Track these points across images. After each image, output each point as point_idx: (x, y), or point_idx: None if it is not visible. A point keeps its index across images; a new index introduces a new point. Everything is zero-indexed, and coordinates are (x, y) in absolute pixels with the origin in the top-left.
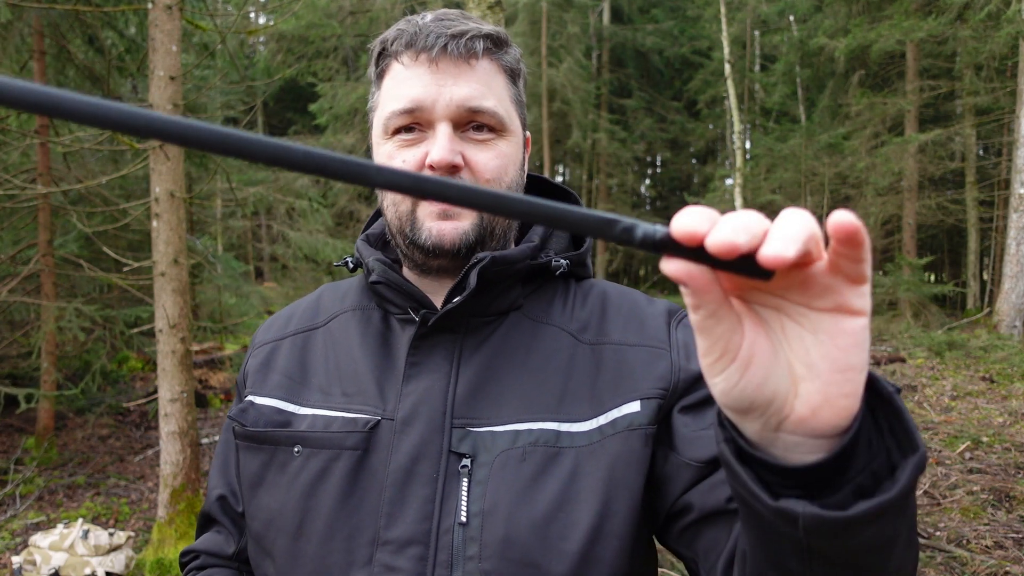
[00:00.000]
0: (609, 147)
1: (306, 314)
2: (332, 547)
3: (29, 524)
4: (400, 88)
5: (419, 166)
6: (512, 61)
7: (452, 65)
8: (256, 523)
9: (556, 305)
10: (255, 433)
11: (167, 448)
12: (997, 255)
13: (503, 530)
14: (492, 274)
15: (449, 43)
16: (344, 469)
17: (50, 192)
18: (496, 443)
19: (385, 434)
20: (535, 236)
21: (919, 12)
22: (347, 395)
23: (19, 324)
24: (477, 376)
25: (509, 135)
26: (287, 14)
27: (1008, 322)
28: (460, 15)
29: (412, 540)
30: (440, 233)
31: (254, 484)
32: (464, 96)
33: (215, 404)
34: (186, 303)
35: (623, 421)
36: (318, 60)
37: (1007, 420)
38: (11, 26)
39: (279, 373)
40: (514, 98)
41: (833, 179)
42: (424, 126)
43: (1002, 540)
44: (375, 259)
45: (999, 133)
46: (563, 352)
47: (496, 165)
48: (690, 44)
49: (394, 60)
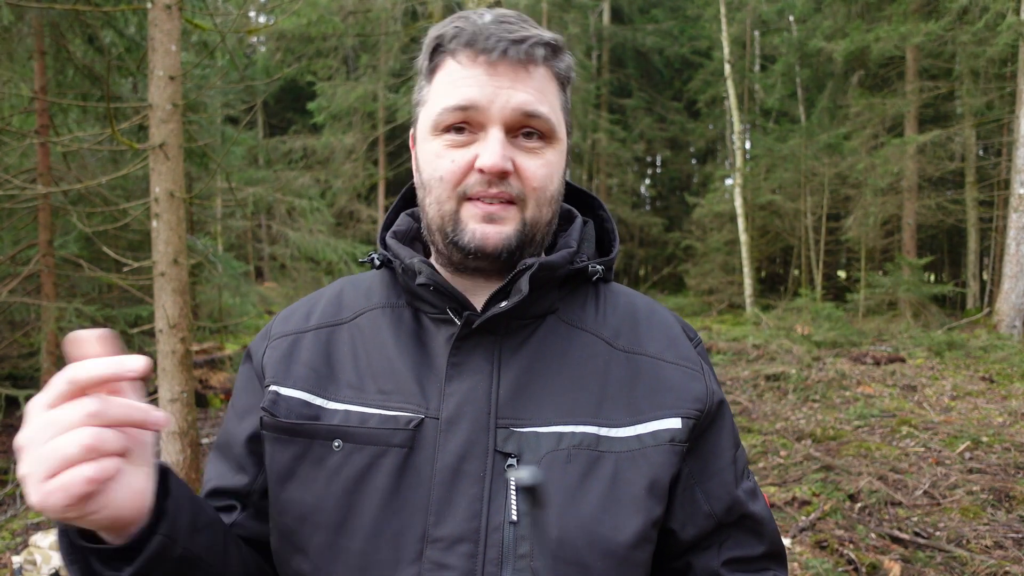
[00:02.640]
0: (609, 147)
1: (328, 309)
2: (379, 543)
3: (29, 524)
4: (455, 86)
5: (468, 168)
6: (565, 69)
7: (510, 69)
8: (287, 518)
9: (589, 309)
10: (289, 425)
11: (167, 448)
12: (997, 255)
13: (556, 530)
14: (538, 280)
15: (509, 48)
16: (390, 466)
17: (50, 192)
18: (540, 443)
19: (430, 432)
20: (572, 241)
21: (918, 14)
22: (384, 392)
23: (19, 324)
24: (518, 378)
25: (557, 143)
26: (287, 13)
27: (1008, 322)
28: (519, 18)
29: (462, 538)
30: (484, 236)
31: (284, 477)
32: (520, 101)
33: (215, 404)
34: (186, 303)
35: (665, 434)
36: (318, 59)
37: (1007, 420)
38: (13, 28)
39: (303, 365)
40: (563, 106)
41: (833, 179)
42: (475, 127)
43: (1002, 540)
44: (420, 260)
45: (999, 133)
46: (599, 358)
47: (544, 174)
48: (690, 44)
49: (450, 57)
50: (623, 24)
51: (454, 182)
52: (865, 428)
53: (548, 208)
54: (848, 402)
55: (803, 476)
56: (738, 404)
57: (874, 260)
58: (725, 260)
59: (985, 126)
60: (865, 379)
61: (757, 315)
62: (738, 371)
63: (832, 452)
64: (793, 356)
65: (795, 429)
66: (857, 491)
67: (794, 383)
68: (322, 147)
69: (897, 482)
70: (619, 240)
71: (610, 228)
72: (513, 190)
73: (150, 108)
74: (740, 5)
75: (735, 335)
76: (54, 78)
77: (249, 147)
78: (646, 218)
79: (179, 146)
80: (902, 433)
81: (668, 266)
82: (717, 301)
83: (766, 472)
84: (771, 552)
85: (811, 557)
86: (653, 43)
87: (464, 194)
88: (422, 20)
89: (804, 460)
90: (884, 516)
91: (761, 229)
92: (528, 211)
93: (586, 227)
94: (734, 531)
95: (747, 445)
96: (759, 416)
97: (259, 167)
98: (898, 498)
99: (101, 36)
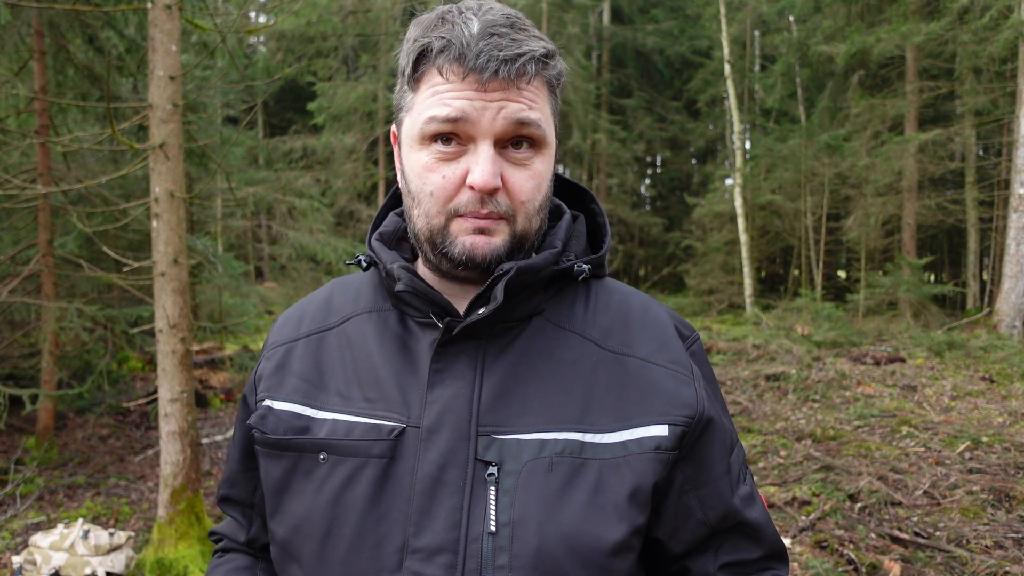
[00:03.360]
0: (609, 147)
1: (318, 314)
2: (361, 553)
3: (29, 524)
4: (444, 99)
5: (459, 184)
6: (556, 74)
7: (501, 86)
8: (282, 529)
9: (578, 309)
10: (277, 440)
11: (167, 448)
12: (997, 255)
13: (535, 542)
14: (517, 284)
15: (500, 68)
16: (371, 477)
17: (50, 192)
18: (522, 451)
19: (411, 441)
20: (557, 240)
21: (918, 15)
22: (368, 400)
23: (19, 324)
24: (501, 383)
25: (546, 149)
26: (287, 13)
27: (1008, 322)
28: (508, 23)
29: (441, 548)
30: (473, 246)
31: (279, 491)
32: (511, 112)
33: (215, 404)
34: (186, 303)
35: (650, 442)
36: (318, 59)
37: (1007, 420)
38: (10, 27)
39: (295, 376)
40: (554, 110)
41: (833, 179)
42: (464, 139)
43: (1002, 540)
44: (399, 266)
45: (999, 133)
46: (586, 360)
47: (531, 187)
48: (690, 44)
49: (436, 70)
50: (623, 24)
51: (445, 199)
52: (865, 428)
53: (537, 218)
54: (848, 402)
55: (803, 476)
56: (738, 404)
57: (874, 260)
58: (725, 260)
59: (985, 126)
60: (865, 379)
61: (757, 315)
62: (738, 371)
63: (832, 452)
64: (793, 356)
65: (795, 429)
66: (857, 491)
67: (794, 383)
68: (322, 147)
69: (897, 482)
70: (612, 235)
71: (602, 222)
72: (501, 207)
73: (150, 108)
74: (740, 5)
75: (735, 335)
76: (54, 78)
77: (249, 147)
78: (646, 218)
79: (179, 146)
80: (902, 433)
81: (668, 266)
82: (717, 301)
83: (766, 472)
84: (770, 554)
85: (811, 557)
86: (653, 43)
87: (455, 211)
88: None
89: (804, 460)
90: (884, 516)
91: (761, 229)
92: (518, 224)
93: (576, 223)
94: (730, 536)
95: (747, 445)
96: (759, 416)
97: (259, 167)
98: (898, 498)
99: (101, 36)
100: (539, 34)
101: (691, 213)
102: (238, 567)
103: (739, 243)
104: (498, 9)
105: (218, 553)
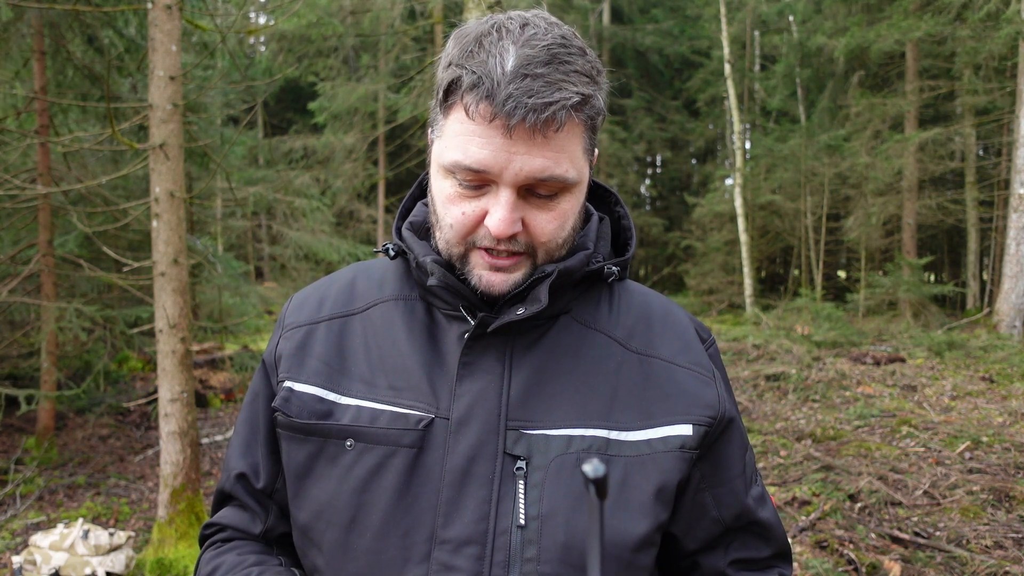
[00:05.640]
0: (609, 147)
1: (340, 298)
2: (388, 542)
3: (29, 524)
4: (468, 142)
5: (477, 222)
6: (595, 111)
7: (528, 135)
8: (304, 513)
9: (603, 309)
10: (302, 425)
11: (167, 448)
12: (997, 255)
13: (563, 536)
14: (555, 286)
15: (529, 115)
16: (400, 466)
17: (50, 192)
18: (550, 447)
19: (440, 433)
20: (589, 242)
21: (918, 12)
22: (394, 388)
23: (19, 324)
24: (529, 379)
25: (574, 188)
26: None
27: (1008, 322)
28: (548, 62)
29: (470, 540)
30: (490, 283)
31: (301, 475)
32: (534, 168)
33: (215, 404)
34: (186, 303)
35: (675, 440)
36: (319, 60)
37: (1007, 420)
38: (11, 26)
39: (316, 359)
40: (587, 148)
41: (833, 179)
42: (487, 183)
43: (1002, 540)
44: (432, 260)
45: (999, 133)
46: (611, 359)
47: (553, 227)
48: (690, 44)
49: (463, 107)
50: (623, 24)
51: (464, 233)
52: (865, 428)
53: (560, 249)
54: (848, 402)
55: (803, 476)
56: (738, 404)
57: (874, 260)
58: (725, 260)
59: (985, 126)
60: (865, 379)
61: (757, 315)
62: (738, 371)
63: (832, 452)
64: (793, 356)
65: (795, 429)
66: (857, 491)
67: (794, 383)
68: (322, 147)
69: (897, 482)
70: (629, 237)
71: (627, 225)
72: (521, 246)
73: (150, 108)
74: (740, 5)
75: (735, 335)
76: (54, 78)
77: (249, 147)
78: (646, 218)
79: (179, 146)
80: (902, 433)
81: (668, 266)
82: (717, 301)
83: (766, 472)
84: (777, 553)
85: (811, 557)
86: (653, 43)
87: (473, 244)
88: (421, 20)
89: (804, 460)
90: (884, 516)
91: (761, 229)
92: (539, 258)
93: (602, 224)
94: (741, 534)
95: None
96: (759, 416)
97: (259, 167)
98: (898, 498)
99: (101, 36)
100: (582, 66)
101: (691, 213)
102: (253, 550)
103: (739, 243)
104: (542, 34)
105: (216, 544)
